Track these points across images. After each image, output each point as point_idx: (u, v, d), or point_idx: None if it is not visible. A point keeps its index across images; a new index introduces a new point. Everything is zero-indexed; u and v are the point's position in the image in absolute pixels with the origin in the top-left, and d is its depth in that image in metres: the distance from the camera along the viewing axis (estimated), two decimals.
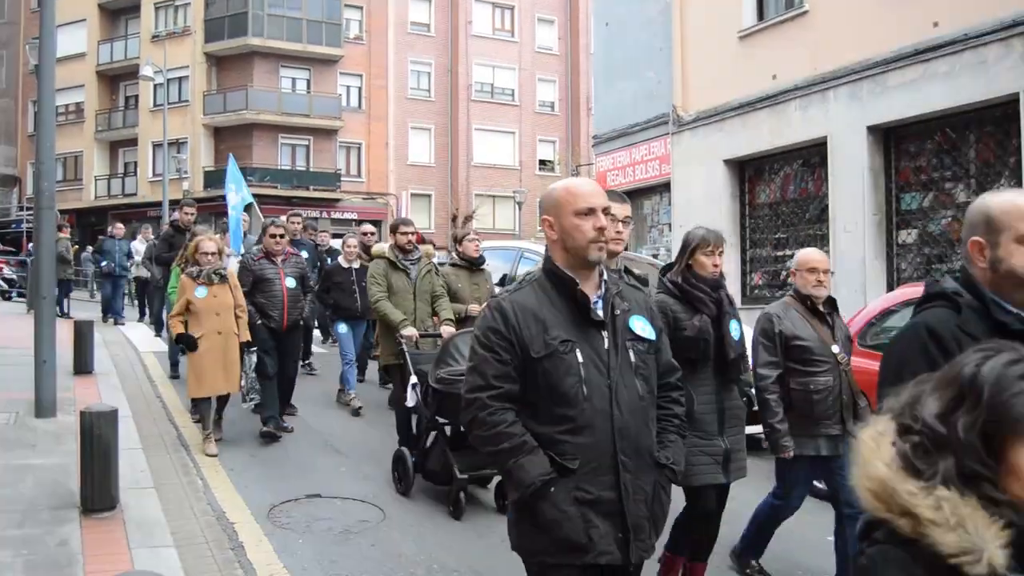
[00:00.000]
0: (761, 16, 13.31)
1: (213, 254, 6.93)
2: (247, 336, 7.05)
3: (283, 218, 10.89)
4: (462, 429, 5.60)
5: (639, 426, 2.48)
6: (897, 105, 10.67)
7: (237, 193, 10.67)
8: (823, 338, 4.35)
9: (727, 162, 13.68)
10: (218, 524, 5.14)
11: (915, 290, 6.80)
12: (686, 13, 14.60)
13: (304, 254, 9.00)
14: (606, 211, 2.50)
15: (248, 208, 11.32)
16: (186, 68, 32.51)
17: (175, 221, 10.21)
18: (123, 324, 14.86)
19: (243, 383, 7.17)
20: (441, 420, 5.82)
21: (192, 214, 9.98)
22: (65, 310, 15.51)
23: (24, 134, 36.42)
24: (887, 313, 6.50)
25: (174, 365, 9.79)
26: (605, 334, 2.48)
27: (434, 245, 11.38)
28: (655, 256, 14.76)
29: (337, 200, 32.75)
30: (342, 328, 8.90)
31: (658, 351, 2.63)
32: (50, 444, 6.47)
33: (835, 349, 4.36)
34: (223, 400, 7.22)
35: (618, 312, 2.53)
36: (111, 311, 15.38)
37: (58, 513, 4.92)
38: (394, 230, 7.21)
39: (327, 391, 9.32)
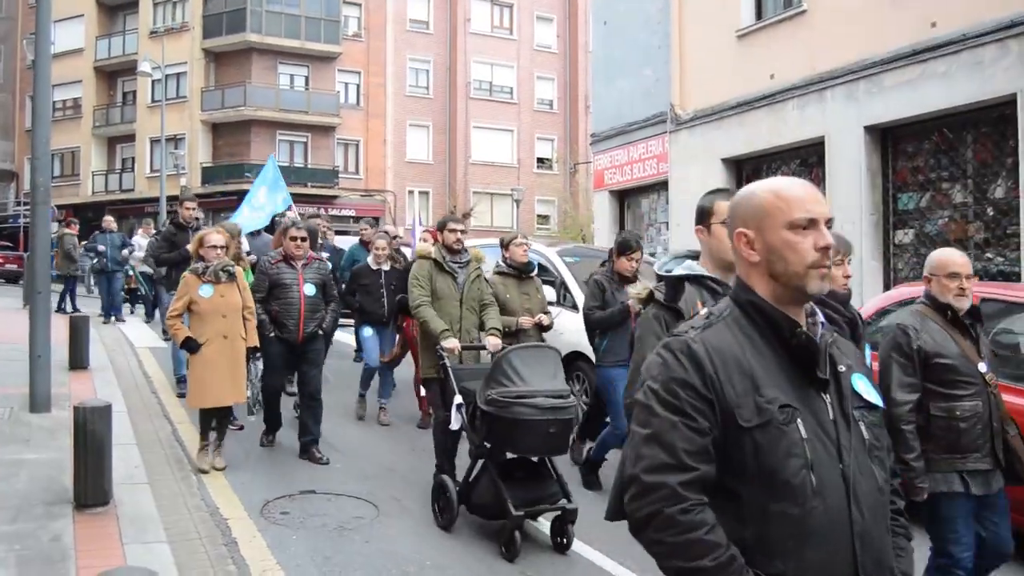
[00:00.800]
0: (759, 15, 13.30)
1: (221, 248, 6.25)
2: (255, 341, 6.37)
3: (292, 213, 10.42)
4: (514, 455, 5.17)
5: (881, 532, 1.79)
6: (894, 105, 10.67)
7: (271, 192, 10.07)
8: (968, 354, 3.70)
9: (725, 161, 13.67)
10: (211, 520, 5.13)
11: (912, 290, 6.81)
12: (684, 12, 14.59)
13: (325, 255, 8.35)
14: (829, 223, 1.81)
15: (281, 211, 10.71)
16: (184, 64, 32.46)
17: (176, 218, 9.34)
18: (123, 322, 14.52)
19: (249, 393, 6.48)
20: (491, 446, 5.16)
21: (193, 208, 9.23)
22: (76, 306, 15.33)
23: (21, 129, 36.38)
24: (883, 312, 6.50)
25: (181, 380, 8.44)
26: (828, 399, 1.79)
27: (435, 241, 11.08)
28: (652, 255, 14.77)
29: (335, 197, 32.73)
30: (367, 332, 8.22)
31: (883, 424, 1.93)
32: (44, 439, 6.46)
33: (982, 367, 3.71)
34: (226, 412, 6.49)
35: (841, 368, 1.85)
36: (111, 309, 14.69)
37: (51, 508, 4.91)
38: (442, 228, 6.31)
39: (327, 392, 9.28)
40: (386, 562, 4.68)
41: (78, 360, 9.37)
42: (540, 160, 38.56)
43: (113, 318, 14.50)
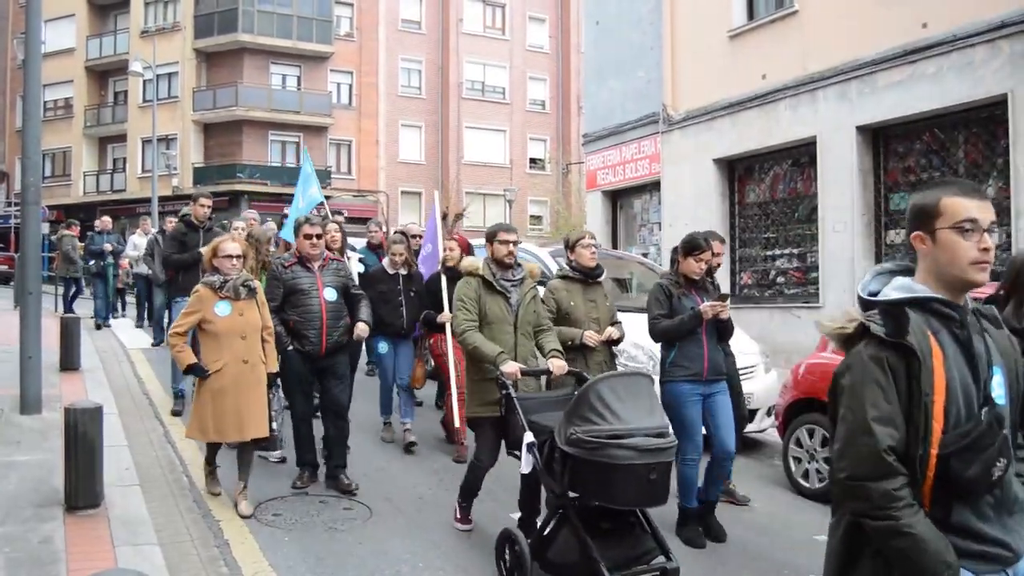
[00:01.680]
0: (751, 16, 13.33)
1: (237, 258, 5.40)
2: (275, 365, 5.62)
3: (287, 209, 9.82)
4: (607, 506, 4.15)
5: None
6: (886, 105, 10.71)
7: (305, 194, 9.39)
8: None
9: (717, 161, 13.70)
10: (203, 521, 5.12)
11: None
12: (676, 12, 14.61)
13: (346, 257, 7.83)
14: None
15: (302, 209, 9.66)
16: (176, 64, 32.37)
17: (187, 216, 8.41)
18: (109, 326, 14.18)
19: (274, 425, 5.74)
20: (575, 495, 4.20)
21: (209, 207, 8.42)
22: (72, 308, 15.12)
23: (12, 129, 36.20)
24: None
25: (180, 395, 7.97)
26: None
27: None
28: (645, 255, 14.79)
29: (327, 198, 32.31)
30: (383, 348, 7.31)
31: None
32: (35, 441, 6.43)
33: None
34: (249, 448, 5.48)
35: None
36: (97, 312, 14.30)
37: (42, 510, 4.88)
38: (491, 238, 5.27)
39: None
40: (379, 563, 4.67)
41: (69, 361, 9.33)
42: (533, 160, 38.57)
43: (109, 320, 14.32)
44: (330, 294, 5.92)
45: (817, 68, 11.66)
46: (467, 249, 7.12)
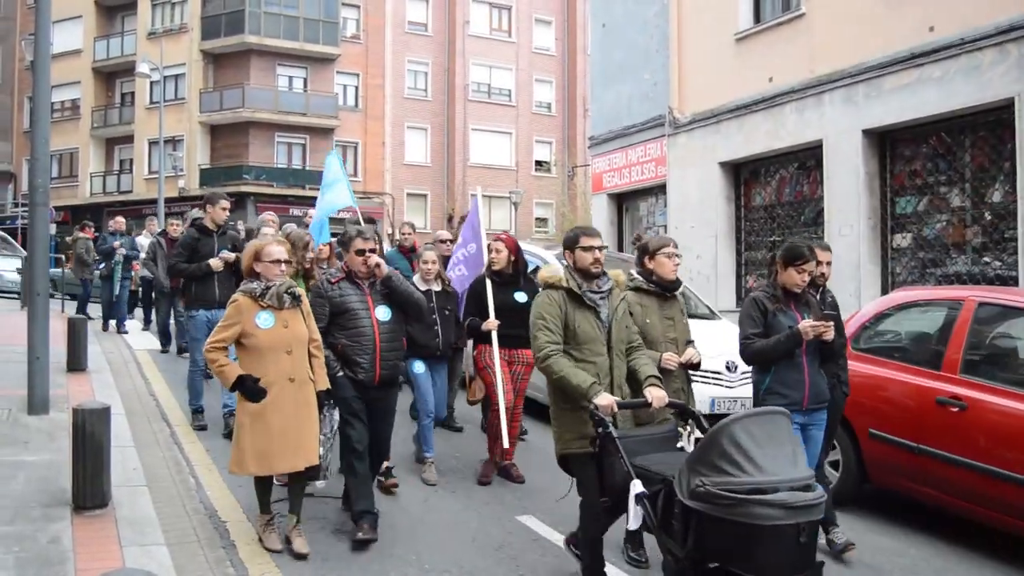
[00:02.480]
0: (758, 19, 13.33)
1: (286, 263, 4.81)
2: (326, 382, 4.87)
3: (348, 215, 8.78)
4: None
5: None
6: (892, 109, 10.70)
7: (325, 197, 8.49)
8: None
9: (723, 164, 13.70)
10: (210, 522, 5.13)
11: (909, 294, 6.84)
12: (683, 15, 14.62)
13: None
14: None
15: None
16: (183, 65, 32.45)
17: (199, 220, 7.66)
18: (126, 333, 13.34)
19: (321, 451, 4.92)
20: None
21: (228, 210, 7.63)
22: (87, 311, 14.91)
23: (20, 130, 36.34)
24: (881, 317, 6.52)
25: (198, 412, 7.42)
26: None
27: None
28: None
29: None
30: (418, 368, 6.48)
31: None
32: (43, 441, 6.45)
33: None
34: (302, 478, 4.91)
35: None
36: (113, 316, 13.60)
37: (50, 510, 4.90)
38: (571, 245, 4.46)
39: None
40: (384, 565, 4.68)
41: (76, 362, 9.35)
42: (538, 163, 38.58)
43: (116, 326, 13.50)
44: (383, 313, 5.15)
45: (824, 71, 11.65)
46: (516, 251, 6.50)
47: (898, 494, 6.04)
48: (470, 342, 6.96)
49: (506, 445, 6.23)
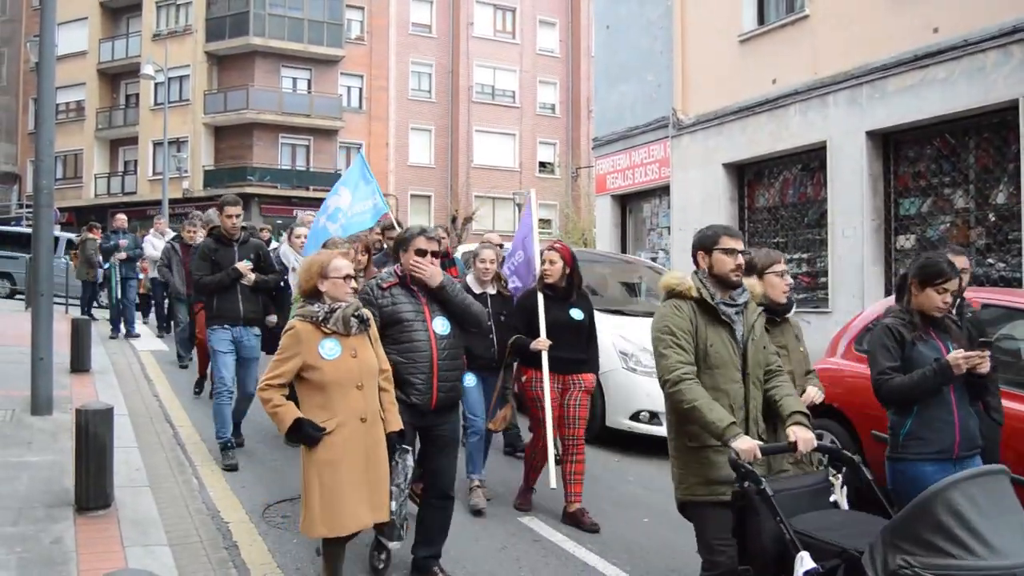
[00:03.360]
0: (761, 20, 13.32)
1: (353, 279, 4.03)
2: (398, 422, 4.10)
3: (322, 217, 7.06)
4: None
5: None
6: (896, 110, 10.69)
7: (357, 198, 7.25)
8: None
9: (726, 166, 13.69)
10: (212, 523, 5.14)
11: None
12: (686, 16, 14.62)
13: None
14: None
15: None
16: (187, 67, 32.53)
17: (216, 229, 6.87)
18: (137, 336, 13.09)
19: (394, 506, 4.08)
20: None
21: (238, 216, 6.78)
22: (91, 312, 14.55)
23: (25, 132, 36.44)
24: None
25: (227, 447, 6.52)
26: None
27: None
28: (654, 259, 14.78)
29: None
30: (469, 380, 5.70)
31: None
32: (46, 442, 6.46)
33: None
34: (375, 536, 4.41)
35: None
36: (121, 320, 13.23)
37: (52, 511, 4.91)
38: (709, 245, 3.65)
39: None
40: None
41: (80, 363, 9.37)
42: (542, 164, 38.58)
43: (124, 331, 13.12)
44: (442, 325, 4.45)
45: (827, 73, 11.64)
46: (571, 262, 5.75)
47: None
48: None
49: (553, 484, 5.51)
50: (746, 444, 3.26)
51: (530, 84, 38.35)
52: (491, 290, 5.98)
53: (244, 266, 6.61)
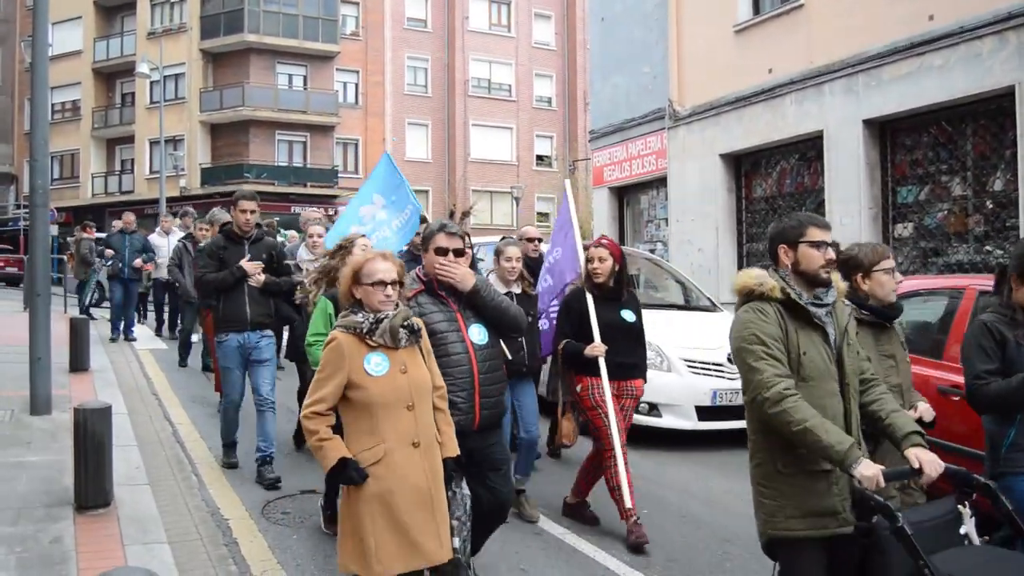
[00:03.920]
0: (757, 10, 13.29)
1: (393, 284, 3.41)
2: (455, 447, 3.53)
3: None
4: None
5: None
6: (893, 99, 10.67)
7: (389, 205, 6.76)
8: None
9: (723, 156, 13.67)
10: (212, 520, 5.14)
11: (911, 283, 6.81)
12: (681, 7, 14.58)
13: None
14: None
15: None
16: (182, 65, 32.47)
17: (228, 225, 6.39)
18: (135, 340, 12.62)
19: (456, 543, 3.70)
20: None
21: (253, 212, 6.23)
22: (89, 311, 14.53)
23: (21, 132, 36.39)
24: None
25: (231, 447, 6.32)
26: None
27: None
28: (652, 251, 14.77)
29: (335, 196, 32.74)
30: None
31: None
32: (45, 441, 6.47)
33: None
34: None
35: None
36: (124, 323, 12.81)
37: (52, 510, 4.91)
38: (794, 237, 3.16)
39: None
40: None
41: (79, 362, 9.37)
42: (539, 158, 38.58)
43: (123, 335, 12.69)
44: (479, 334, 4.00)
45: (823, 62, 11.61)
46: (621, 259, 5.36)
47: None
48: (546, 367, 5.94)
49: (628, 504, 5.03)
50: (871, 470, 2.77)
51: (526, 77, 38.31)
52: (516, 289, 5.49)
53: (252, 266, 6.05)
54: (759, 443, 3.10)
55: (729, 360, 7.53)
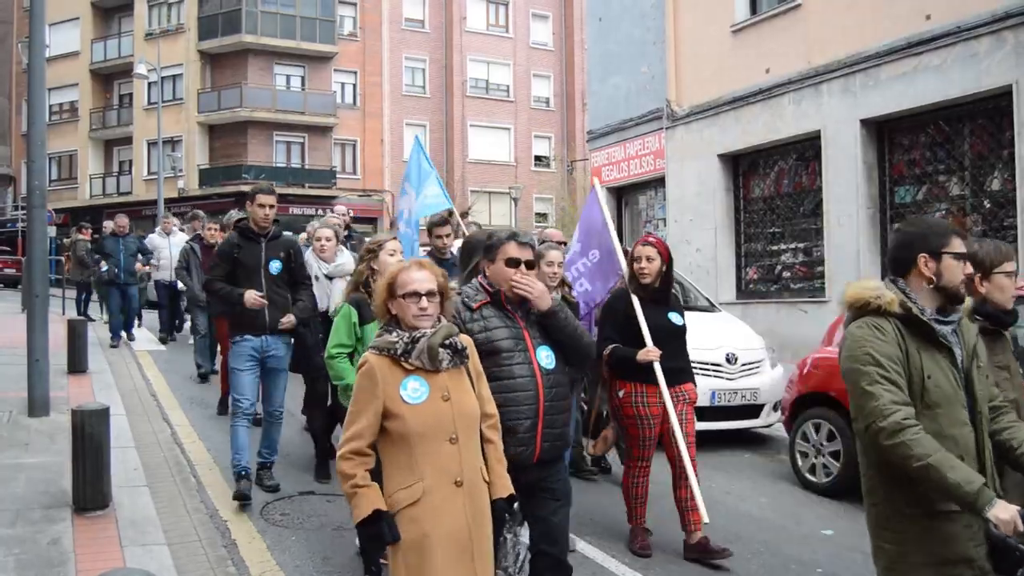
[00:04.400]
0: (754, 10, 13.31)
1: (430, 295, 2.94)
2: (508, 485, 3.04)
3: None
4: None
5: None
6: (890, 98, 10.69)
7: (419, 195, 6.66)
8: None
9: (721, 156, 13.68)
10: (211, 522, 5.13)
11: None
12: (679, 7, 14.60)
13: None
14: None
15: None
16: (180, 66, 32.43)
17: (243, 221, 5.89)
18: (133, 340, 12.51)
19: None
20: None
21: (271, 206, 5.70)
22: (88, 312, 14.63)
23: (18, 133, 36.31)
24: None
25: (243, 475, 5.54)
26: None
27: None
28: None
29: (333, 197, 32.70)
30: None
31: None
32: (43, 443, 6.46)
33: None
34: None
35: None
36: (122, 326, 12.38)
37: (50, 512, 4.91)
38: (936, 248, 2.74)
39: None
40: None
41: (77, 364, 9.36)
42: (537, 158, 38.55)
43: (123, 335, 12.37)
44: (547, 357, 3.48)
45: (821, 62, 11.63)
46: (669, 258, 5.05)
47: None
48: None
49: (706, 519, 4.80)
50: (1007, 513, 2.39)
51: (524, 78, 38.29)
52: (556, 296, 4.58)
53: (257, 301, 5.54)
54: (876, 480, 2.72)
55: (727, 360, 7.56)
